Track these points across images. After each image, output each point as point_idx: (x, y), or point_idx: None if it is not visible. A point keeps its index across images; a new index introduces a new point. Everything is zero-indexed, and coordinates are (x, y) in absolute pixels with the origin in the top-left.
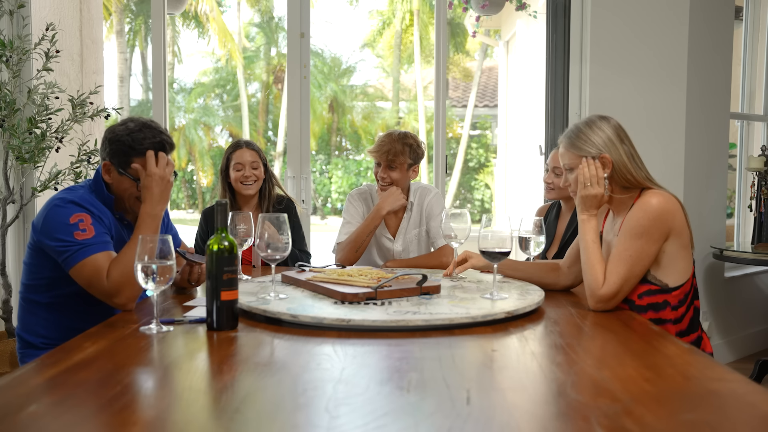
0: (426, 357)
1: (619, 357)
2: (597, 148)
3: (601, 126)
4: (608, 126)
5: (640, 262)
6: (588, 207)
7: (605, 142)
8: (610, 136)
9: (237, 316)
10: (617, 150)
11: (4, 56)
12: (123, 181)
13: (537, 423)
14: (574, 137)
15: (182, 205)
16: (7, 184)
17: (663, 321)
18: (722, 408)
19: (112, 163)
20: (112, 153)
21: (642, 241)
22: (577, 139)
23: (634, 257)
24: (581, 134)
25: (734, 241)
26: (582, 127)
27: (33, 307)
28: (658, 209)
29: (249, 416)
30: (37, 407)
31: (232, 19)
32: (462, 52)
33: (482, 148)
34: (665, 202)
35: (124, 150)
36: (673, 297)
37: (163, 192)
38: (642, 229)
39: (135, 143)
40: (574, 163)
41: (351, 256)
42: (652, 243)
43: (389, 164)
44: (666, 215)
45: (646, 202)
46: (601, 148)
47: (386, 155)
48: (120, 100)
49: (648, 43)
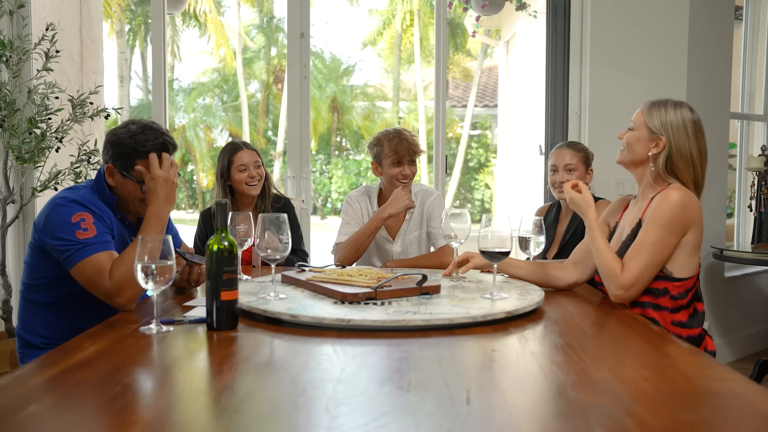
0: (426, 357)
1: (619, 357)
2: (663, 125)
3: (684, 114)
4: (690, 118)
5: (660, 252)
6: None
7: (675, 126)
8: (686, 123)
9: (237, 316)
10: (686, 140)
11: (4, 56)
12: (127, 184)
13: (537, 423)
14: (656, 104)
15: (182, 205)
16: (7, 184)
17: (660, 308)
18: (722, 408)
19: (115, 166)
20: (114, 156)
21: (664, 231)
22: (656, 108)
23: (656, 246)
24: (663, 107)
25: (734, 241)
26: (669, 103)
27: (33, 307)
28: (683, 202)
29: (249, 416)
30: (37, 407)
31: (232, 19)
32: (462, 52)
33: (482, 148)
34: (689, 197)
35: (126, 152)
36: (674, 287)
37: (169, 194)
38: (665, 220)
39: (138, 145)
40: (638, 125)
41: (351, 256)
42: (673, 235)
43: (411, 159)
44: (689, 210)
45: (670, 194)
46: (668, 127)
47: (411, 150)
48: (120, 100)
49: (648, 43)
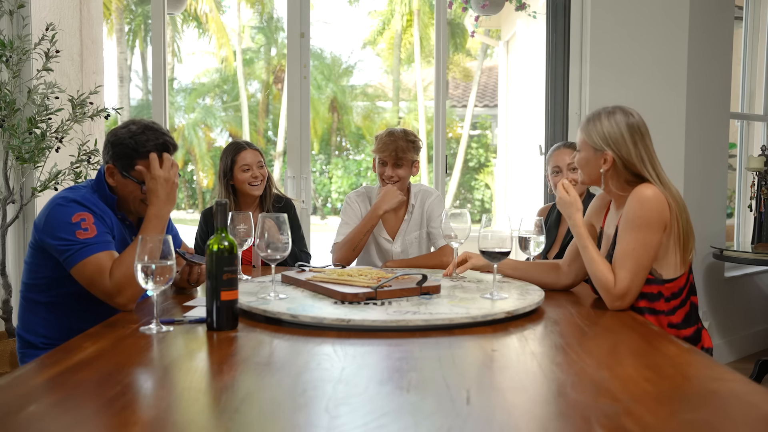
0: (426, 357)
1: (619, 357)
2: (603, 140)
3: (619, 122)
4: (626, 124)
5: (645, 254)
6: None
7: (616, 139)
8: (623, 132)
9: (237, 316)
10: (627, 149)
11: (4, 56)
12: (127, 184)
13: (537, 423)
14: (591, 122)
15: (182, 205)
16: (7, 184)
17: (656, 311)
18: (722, 408)
19: (115, 166)
20: (115, 156)
21: (643, 232)
22: (592, 126)
23: (639, 249)
24: (598, 123)
25: (734, 241)
26: (602, 114)
27: (34, 307)
28: (654, 199)
29: (249, 416)
30: (37, 407)
31: (232, 19)
32: (462, 52)
33: (482, 148)
34: (656, 193)
35: (127, 153)
36: (667, 289)
37: (169, 194)
38: (640, 221)
39: (138, 146)
40: (583, 146)
41: (348, 255)
42: (653, 232)
43: (396, 163)
44: (661, 204)
45: (640, 194)
46: (608, 141)
47: (394, 154)
48: (120, 100)
49: (648, 43)
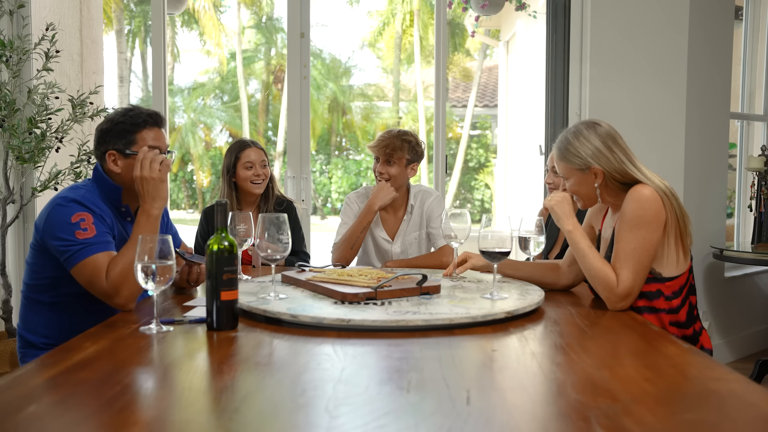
0: (426, 357)
1: (619, 357)
2: (586, 160)
3: (589, 136)
4: (595, 135)
5: (645, 253)
6: (563, 217)
7: (594, 153)
8: (598, 146)
9: (237, 316)
10: (607, 159)
11: (4, 56)
12: (132, 165)
13: (537, 423)
14: (563, 149)
15: (182, 206)
16: (7, 184)
17: (656, 310)
18: (722, 408)
19: (116, 150)
20: (114, 137)
21: (642, 231)
22: (566, 152)
23: (639, 249)
24: (570, 146)
25: (734, 241)
26: (570, 139)
27: (35, 307)
28: (651, 198)
29: (249, 416)
30: (37, 407)
31: (231, 19)
32: (462, 52)
33: (482, 148)
34: (652, 192)
35: (125, 128)
36: (667, 287)
37: (153, 191)
38: (639, 220)
39: (132, 119)
40: (568, 174)
41: (346, 253)
42: (652, 231)
43: (387, 159)
44: (657, 203)
45: (637, 193)
46: (590, 160)
47: (384, 149)
48: (120, 100)
49: (648, 43)
